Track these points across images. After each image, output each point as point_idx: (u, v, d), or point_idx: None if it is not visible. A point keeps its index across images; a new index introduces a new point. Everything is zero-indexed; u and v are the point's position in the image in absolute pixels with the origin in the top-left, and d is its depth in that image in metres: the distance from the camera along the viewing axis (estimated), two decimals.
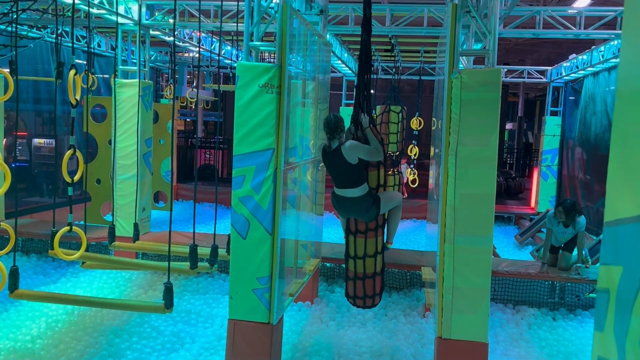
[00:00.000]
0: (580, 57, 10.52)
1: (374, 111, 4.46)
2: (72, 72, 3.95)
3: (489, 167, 4.31)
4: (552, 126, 12.30)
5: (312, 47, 5.74)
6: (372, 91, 4.72)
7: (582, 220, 6.73)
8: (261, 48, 4.80)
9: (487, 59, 4.52)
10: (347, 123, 4.46)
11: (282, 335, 5.04)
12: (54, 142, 10.99)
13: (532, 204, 13.19)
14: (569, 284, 6.88)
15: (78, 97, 4.04)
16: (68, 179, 4.01)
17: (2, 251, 4.44)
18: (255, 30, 4.72)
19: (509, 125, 23.19)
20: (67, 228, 4.14)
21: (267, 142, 4.53)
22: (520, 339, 6.06)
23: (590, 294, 6.73)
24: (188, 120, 20.25)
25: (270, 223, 4.57)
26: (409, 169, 11.29)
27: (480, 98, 4.25)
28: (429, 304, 4.96)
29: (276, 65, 4.49)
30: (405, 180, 11.13)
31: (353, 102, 4.68)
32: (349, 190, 4.34)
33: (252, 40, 4.72)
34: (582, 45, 12.58)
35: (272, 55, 10.52)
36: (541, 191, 12.52)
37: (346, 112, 12.67)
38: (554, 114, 12.56)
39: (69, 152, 4.00)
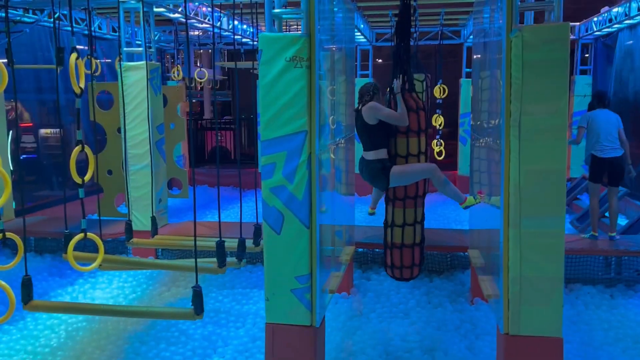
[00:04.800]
0: (614, 10, 9.76)
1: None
2: (74, 56, 3.40)
3: (558, 137, 3.73)
4: (582, 86, 11.57)
5: (337, 14, 5.13)
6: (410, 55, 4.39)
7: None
8: (284, 16, 4.20)
9: (549, 13, 3.90)
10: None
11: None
12: (59, 132, 10.47)
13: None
14: (625, 257, 6.34)
15: (82, 85, 3.50)
16: (78, 180, 3.51)
17: (11, 263, 3.98)
18: None
19: None
20: (81, 235, 3.67)
21: (298, 123, 3.97)
22: (580, 321, 5.55)
23: None
24: (195, 101, 19.65)
25: (307, 215, 4.04)
26: (434, 141, 10.67)
27: (545, 59, 3.65)
28: (487, 295, 4.44)
29: (305, 35, 3.90)
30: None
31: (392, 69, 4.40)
32: (367, 153, 4.34)
33: (274, 8, 4.13)
34: (601, 1, 11.75)
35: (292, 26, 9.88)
36: (573, 155, 11.86)
37: (360, 83, 12.04)
38: (583, 72, 11.83)
39: (76, 149, 3.48)
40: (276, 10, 4.12)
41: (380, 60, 16.21)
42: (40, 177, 10.59)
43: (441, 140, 10.53)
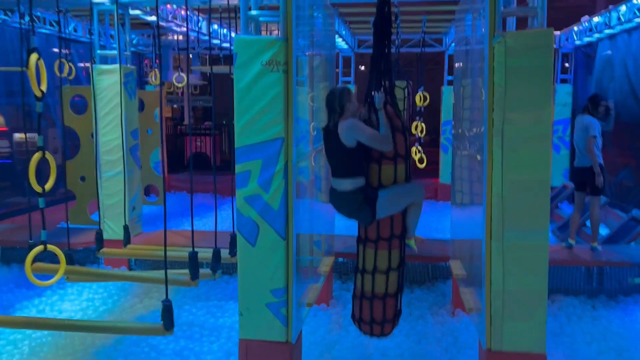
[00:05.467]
0: (594, 20, 9.79)
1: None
2: (34, 56, 3.22)
3: (542, 147, 3.61)
4: (562, 95, 11.57)
5: (317, 19, 4.99)
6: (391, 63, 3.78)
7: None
8: (261, 19, 4.04)
9: (532, 19, 3.80)
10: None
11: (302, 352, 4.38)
12: (36, 137, 10.12)
13: None
14: (607, 268, 6.27)
15: (44, 88, 3.31)
16: (37, 188, 3.30)
17: None
18: None
19: None
20: (40, 248, 3.45)
21: (274, 130, 3.81)
22: (562, 333, 5.44)
23: (637, 279, 6.13)
24: (175, 106, 19.42)
25: (284, 225, 3.88)
26: (415, 148, 10.57)
27: (529, 65, 3.53)
28: (469, 308, 4.30)
29: (282, 38, 3.75)
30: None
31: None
32: (340, 181, 3.60)
33: (250, 10, 3.97)
34: (579, 11, 11.80)
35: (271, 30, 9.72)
36: (554, 164, 11.83)
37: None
38: (563, 81, 11.86)
39: (36, 156, 3.29)
40: (252, 12, 3.96)
41: (363, 68, 16.16)
42: (14, 183, 10.26)
43: (419, 147, 10.40)
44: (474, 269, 4.31)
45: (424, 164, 10.48)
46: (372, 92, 3.68)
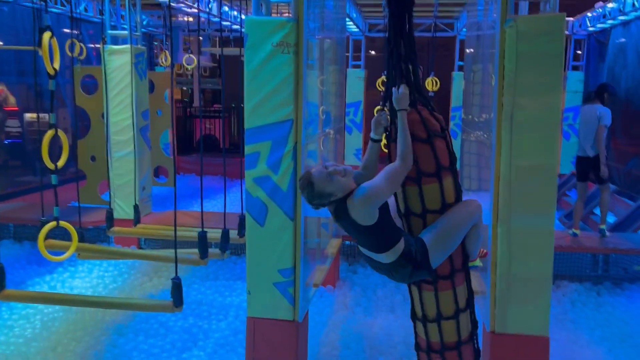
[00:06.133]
0: (607, 6, 9.68)
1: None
2: (47, 35, 3.25)
3: (550, 133, 3.61)
4: (574, 82, 11.49)
5: (328, 1, 4.99)
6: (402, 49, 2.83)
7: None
8: (272, 0, 4.05)
9: (545, 4, 3.79)
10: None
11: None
12: (47, 117, 10.19)
13: None
14: (613, 255, 6.29)
15: (57, 66, 3.35)
16: (50, 165, 3.36)
17: None
18: None
19: None
20: (53, 223, 3.51)
21: (284, 112, 3.83)
22: (566, 319, 5.49)
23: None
24: (185, 88, 19.46)
25: (292, 207, 3.92)
26: None
27: (540, 51, 3.52)
28: (474, 291, 4.34)
29: (292, 20, 3.76)
30: None
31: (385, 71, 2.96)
32: (375, 255, 2.79)
33: None
34: None
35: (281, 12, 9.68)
36: (563, 152, 11.81)
37: (354, 74, 11.92)
38: (575, 68, 11.76)
39: (49, 133, 3.34)
40: None
41: (373, 52, 16.06)
42: (25, 162, 10.38)
43: None
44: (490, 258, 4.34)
45: None
46: (392, 88, 2.80)
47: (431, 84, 10.25)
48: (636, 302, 5.82)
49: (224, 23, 10.94)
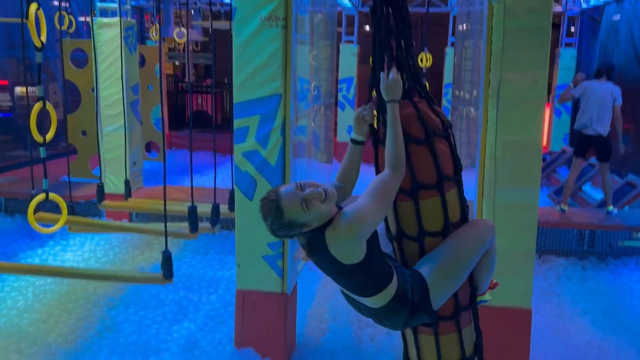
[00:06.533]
0: None
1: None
2: (33, 6, 3.23)
3: (536, 109, 3.67)
4: (567, 59, 11.49)
5: None
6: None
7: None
8: None
9: None
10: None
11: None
12: (37, 91, 10.12)
13: (544, 142, 12.57)
14: (599, 231, 6.39)
15: (43, 39, 3.33)
16: (39, 138, 3.37)
17: None
18: None
19: None
20: (42, 196, 3.53)
21: (273, 86, 3.85)
22: (551, 292, 5.61)
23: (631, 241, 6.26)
24: (177, 63, 19.29)
25: (281, 181, 3.96)
26: None
27: (527, 27, 3.55)
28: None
29: None
30: None
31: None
32: (364, 299, 2.14)
33: None
34: None
35: None
36: (554, 129, 11.88)
37: (347, 50, 11.85)
38: (568, 45, 11.74)
39: (37, 106, 3.34)
40: None
41: (367, 28, 15.94)
42: (16, 136, 10.33)
43: None
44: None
45: None
46: (379, 73, 2.18)
47: (424, 59, 10.20)
48: (620, 277, 5.94)
49: None
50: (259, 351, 4.16)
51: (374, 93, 2.25)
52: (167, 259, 3.89)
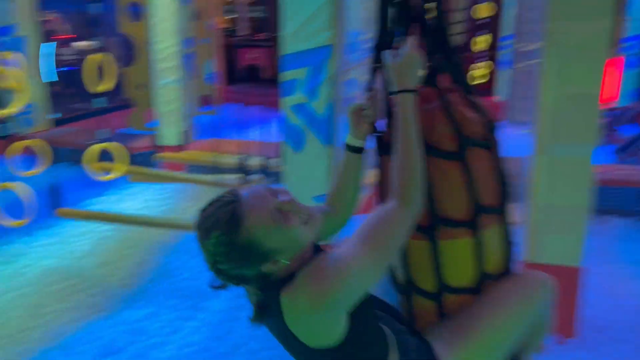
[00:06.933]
0: None
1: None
2: None
3: (597, 60, 3.46)
4: (638, 8, 10.72)
5: None
6: None
7: None
8: None
9: None
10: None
11: None
12: (94, 45, 10.43)
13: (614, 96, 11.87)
14: None
15: None
16: (94, 89, 3.48)
17: (34, 170, 4.08)
18: None
19: None
20: (102, 145, 3.66)
21: (323, 37, 3.79)
22: (607, 253, 5.43)
23: None
24: (234, 16, 19.27)
25: (329, 134, 3.94)
26: (480, 63, 10.06)
27: None
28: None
29: None
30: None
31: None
32: None
33: None
34: None
35: None
36: (623, 83, 11.19)
37: None
38: None
39: (92, 57, 3.43)
40: None
41: None
42: (80, 89, 10.69)
43: (488, 63, 9.82)
44: (519, 186, 4.30)
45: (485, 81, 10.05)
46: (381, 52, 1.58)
47: (482, 9, 9.76)
48: None
49: None
50: None
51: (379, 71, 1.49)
52: None
